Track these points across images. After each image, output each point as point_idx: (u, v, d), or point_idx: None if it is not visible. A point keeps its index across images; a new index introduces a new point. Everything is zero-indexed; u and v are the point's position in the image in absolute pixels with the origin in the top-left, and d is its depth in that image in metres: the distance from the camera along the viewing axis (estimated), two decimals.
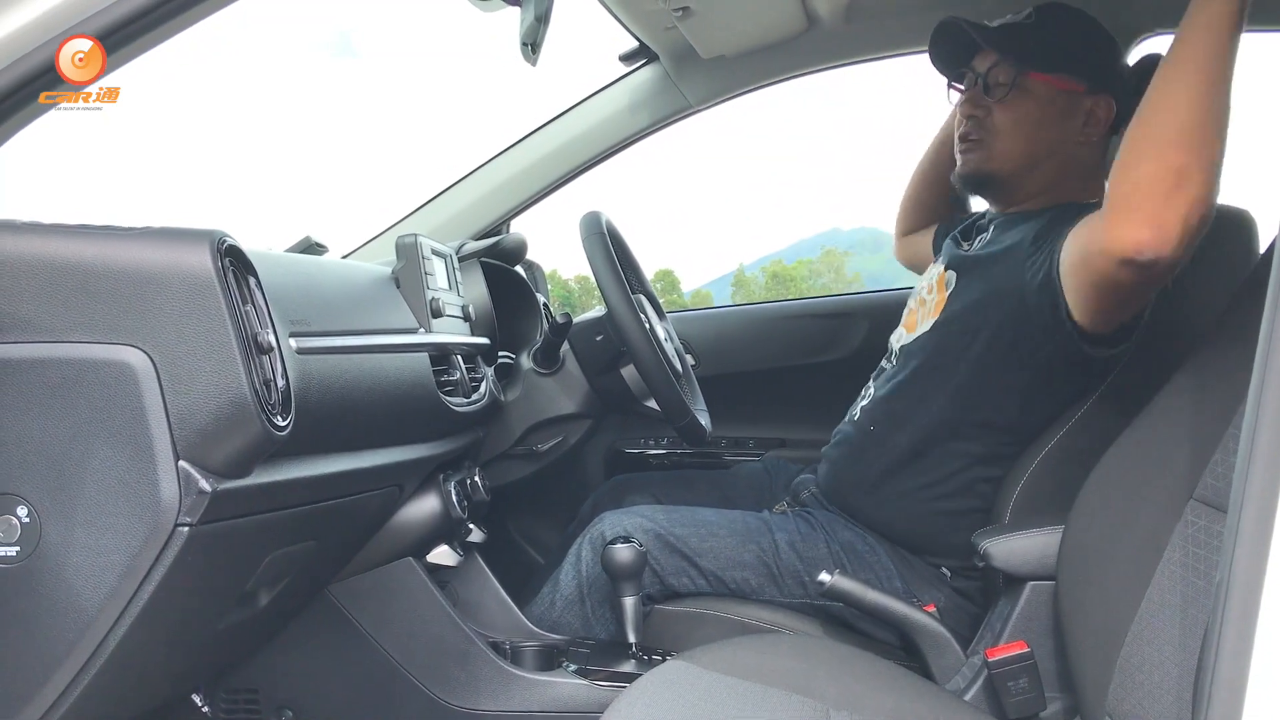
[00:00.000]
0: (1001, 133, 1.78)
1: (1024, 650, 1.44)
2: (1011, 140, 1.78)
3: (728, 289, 32.40)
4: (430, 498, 1.71)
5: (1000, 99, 1.77)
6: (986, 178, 1.83)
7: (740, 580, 1.82)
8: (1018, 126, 1.77)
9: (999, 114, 1.78)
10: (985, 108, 1.79)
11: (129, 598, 1.09)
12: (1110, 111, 1.76)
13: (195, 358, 1.07)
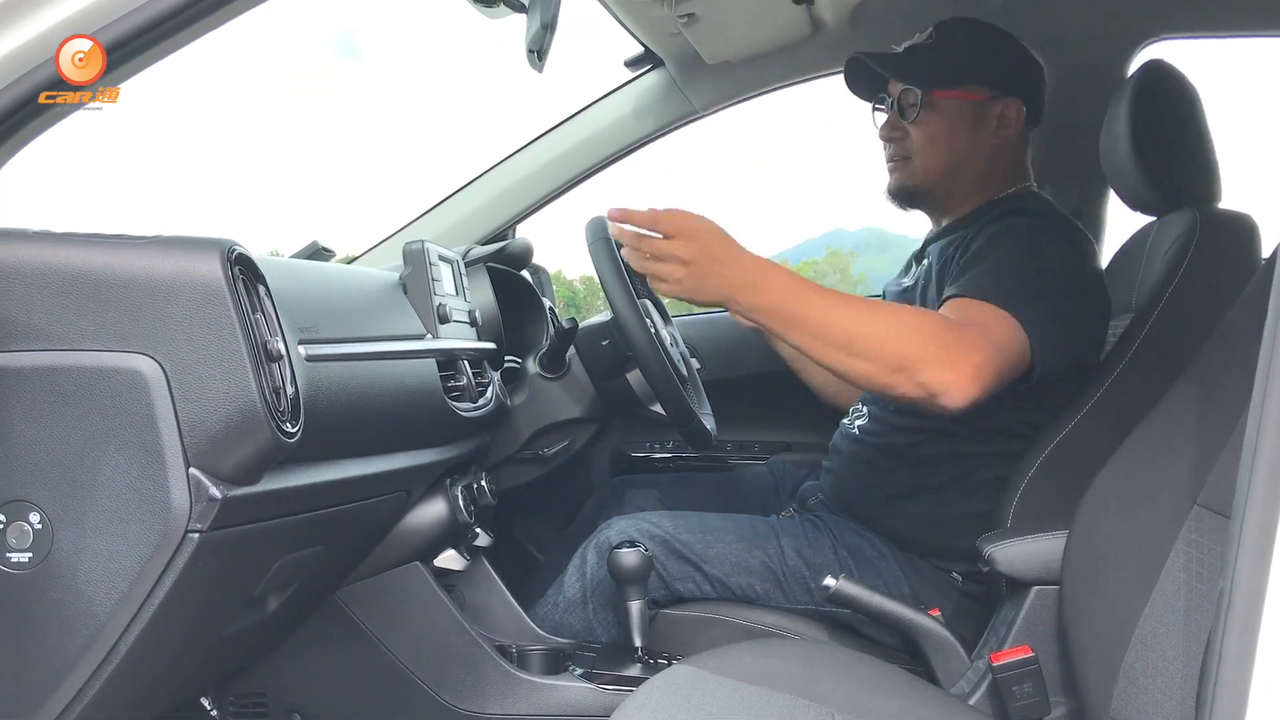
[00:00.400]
0: (919, 150, 1.90)
1: (1028, 655, 1.44)
2: (929, 155, 1.90)
3: None
4: (437, 502, 1.72)
5: (913, 120, 1.89)
6: (913, 192, 1.95)
7: (746, 586, 1.83)
8: (933, 142, 1.89)
9: (914, 133, 1.90)
10: (902, 129, 1.92)
11: (140, 604, 1.10)
12: (1020, 111, 1.88)
13: (206, 366, 1.08)
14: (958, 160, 1.89)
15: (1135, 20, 2.26)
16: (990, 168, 1.90)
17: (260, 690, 1.70)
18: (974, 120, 1.87)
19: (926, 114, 1.87)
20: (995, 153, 1.89)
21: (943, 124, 1.87)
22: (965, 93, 1.87)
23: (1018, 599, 1.56)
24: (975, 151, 1.88)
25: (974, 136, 1.88)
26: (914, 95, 1.88)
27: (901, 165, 1.93)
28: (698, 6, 1.99)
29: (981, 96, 1.87)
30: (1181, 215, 1.76)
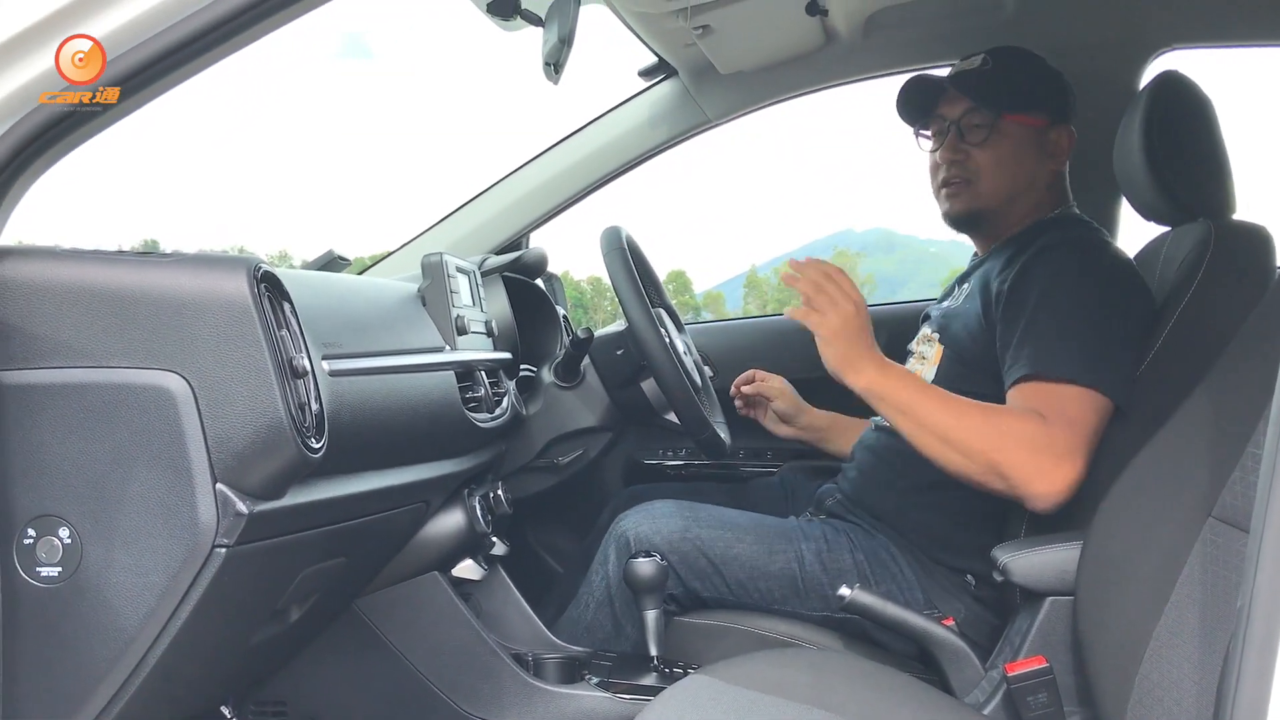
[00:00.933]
0: (985, 173, 1.90)
1: (1043, 665, 1.44)
2: (995, 179, 1.90)
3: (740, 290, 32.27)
4: (455, 512, 1.73)
5: (979, 143, 1.89)
6: (975, 215, 1.95)
7: (764, 590, 1.84)
8: (1000, 165, 1.89)
9: (979, 156, 1.90)
10: (964, 152, 1.91)
11: (167, 618, 1.11)
12: (1071, 139, 1.92)
13: (232, 382, 1.09)
14: (1021, 185, 1.91)
15: (1148, 30, 2.26)
16: (1045, 194, 1.93)
17: (280, 699, 1.71)
18: (1036, 146, 1.90)
19: (995, 137, 1.89)
20: (1050, 179, 1.92)
21: (1010, 148, 1.89)
22: (1030, 118, 1.90)
23: (1032, 609, 1.56)
24: (1035, 177, 1.91)
25: (1036, 161, 1.90)
26: (982, 117, 1.89)
27: (964, 189, 1.93)
28: (713, 18, 2.00)
29: (1042, 123, 1.90)
30: (1196, 226, 1.76)
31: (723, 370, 2.55)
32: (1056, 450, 1.59)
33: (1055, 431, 1.60)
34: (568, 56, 1.62)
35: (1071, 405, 1.62)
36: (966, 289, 1.95)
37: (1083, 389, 1.62)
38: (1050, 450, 1.59)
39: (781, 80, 2.44)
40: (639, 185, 2.58)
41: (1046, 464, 1.58)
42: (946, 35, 2.34)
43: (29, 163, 1.12)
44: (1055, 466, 1.58)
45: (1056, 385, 1.64)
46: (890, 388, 1.69)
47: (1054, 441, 1.59)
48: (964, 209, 1.94)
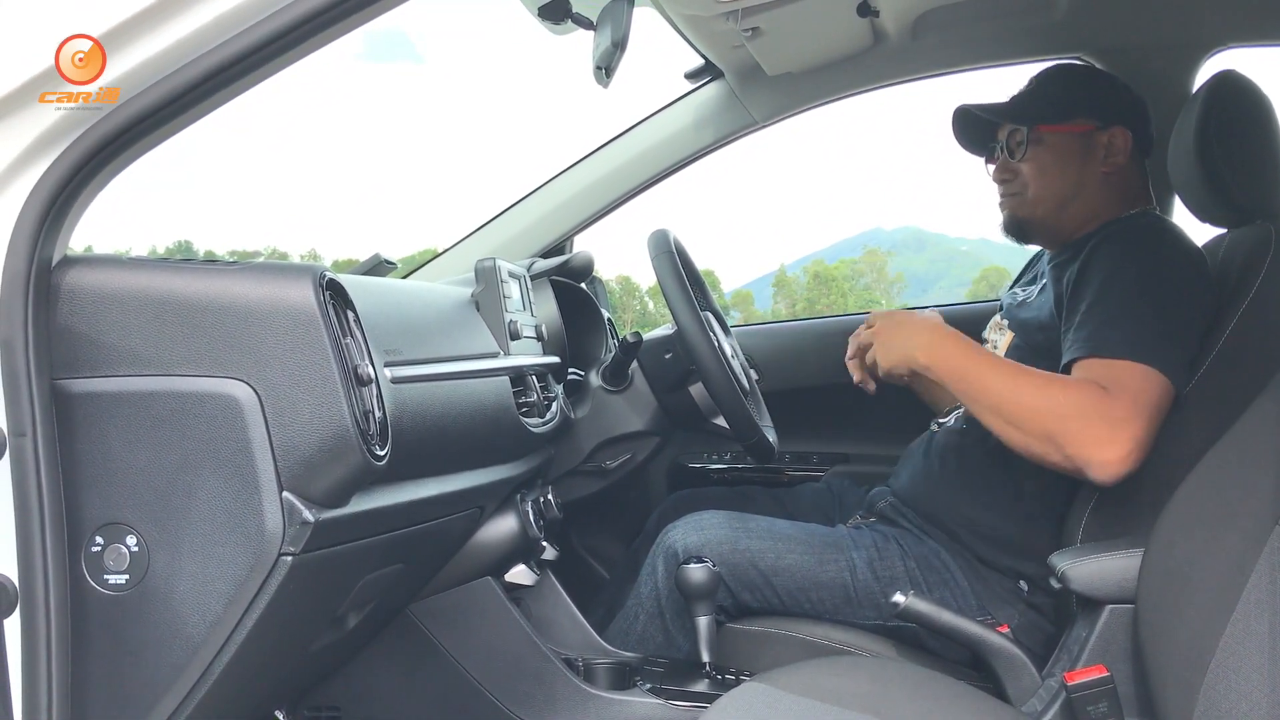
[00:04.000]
0: (1030, 182, 1.94)
1: (1104, 674, 1.43)
2: (1039, 186, 1.93)
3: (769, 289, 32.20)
4: (509, 518, 1.73)
5: (1021, 158, 1.92)
6: (1025, 222, 1.97)
7: (816, 601, 1.83)
8: (1042, 174, 1.92)
9: (1024, 169, 1.94)
10: (1013, 169, 1.95)
11: (233, 625, 1.12)
12: (1127, 139, 1.90)
13: (299, 391, 1.10)
14: (1069, 190, 1.91)
15: (1202, 29, 2.23)
16: (1104, 195, 1.91)
17: (334, 704, 1.72)
18: (1081, 151, 1.90)
19: (1034, 149, 1.91)
20: (1106, 180, 1.91)
21: (1050, 157, 1.91)
22: (1070, 126, 1.90)
23: (1091, 617, 1.54)
24: (1085, 181, 1.90)
25: (1083, 166, 1.90)
26: (1021, 134, 1.92)
27: (1012, 197, 1.96)
28: (763, 20, 1.99)
29: (1087, 128, 1.90)
30: (1254, 229, 1.74)
31: (767, 373, 2.54)
32: (1113, 417, 1.57)
33: (1112, 399, 1.59)
34: (620, 60, 1.62)
35: (1130, 378, 1.61)
36: (1042, 282, 1.96)
37: (1139, 364, 1.61)
38: (1106, 417, 1.58)
39: (829, 82, 2.43)
40: (667, 184, 2.58)
41: (1103, 431, 1.57)
42: (996, 36, 2.32)
43: (95, 173, 1.12)
44: (1112, 434, 1.57)
45: (1116, 362, 1.63)
46: (943, 359, 1.71)
47: (1111, 408, 1.58)
48: (1010, 216, 1.98)
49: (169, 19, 1.10)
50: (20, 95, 1.10)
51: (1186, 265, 1.74)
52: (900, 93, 2.53)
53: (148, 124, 1.11)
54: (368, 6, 1.12)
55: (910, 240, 33.22)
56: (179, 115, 1.14)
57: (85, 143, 1.10)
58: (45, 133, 1.10)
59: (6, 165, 1.09)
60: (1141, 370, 1.61)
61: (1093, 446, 1.57)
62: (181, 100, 1.12)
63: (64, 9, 1.09)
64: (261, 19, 1.11)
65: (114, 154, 1.12)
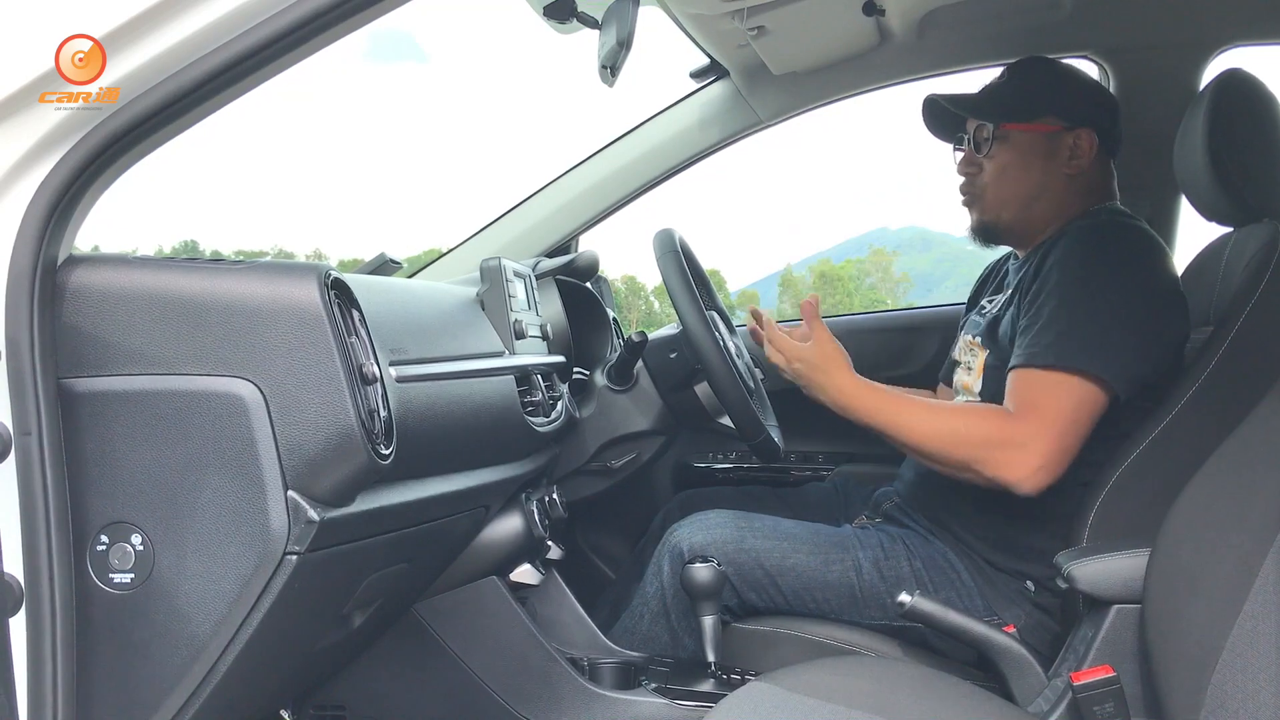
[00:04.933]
0: (990, 183, 1.94)
1: (1110, 675, 1.42)
2: (1000, 188, 1.93)
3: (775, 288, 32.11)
4: (514, 517, 1.73)
5: (986, 154, 1.92)
6: (990, 227, 1.98)
7: (821, 600, 1.83)
8: (1004, 174, 1.92)
9: (987, 168, 1.94)
10: (977, 164, 1.95)
11: (239, 624, 1.12)
12: (1092, 140, 1.90)
13: (304, 390, 1.10)
14: (1031, 191, 1.91)
15: (1207, 28, 2.23)
16: (1067, 197, 1.91)
17: (339, 703, 1.72)
18: (1046, 152, 1.90)
19: (998, 147, 1.91)
20: (1070, 182, 1.91)
21: (1014, 156, 1.91)
22: (1037, 126, 1.90)
23: (1097, 617, 1.54)
24: (1049, 182, 1.91)
25: (1046, 167, 1.90)
26: (986, 130, 1.92)
27: (973, 202, 1.97)
28: (768, 19, 1.99)
29: (1053, 128, 1.89)
30: (1261, 227, 1.74)
31: (772, 370, 2.54)
32: (1016, 440, 1.67)
33: (1015, 422, 1.69)
34: (625, 60, 1.62)
35: (1042, 392, 1.69)
36: (1008, 292, 1.94)
37: (1061, 374, 1.68)
38: (1010, 442, 1.68)
39: (834, 81, 2.43)
40: (673, 184, 2.58)
41: (1011, 455, 1.67)
42: (1002, 35, 2.32)
43: (99, 173, 1.12)
44: (1020, 456, 1.67)
45: (1035, 372, 1.71)
46: (862, 407, 1.81)
47: (1013, 433, 1.68)
48: (976, 223, 1.99)
49: (171, 19, 1.10)
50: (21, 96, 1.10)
51: (1140, 263, 1.76)
52: (906, 92, 2.52)
53: (151, 124, 1.11)
54: (370, 7, 1.12)
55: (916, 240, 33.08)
56: (182, 115, 1.14)
57: (89, 143, 1.10)
58: (49, 133, 1.10)
59: (10, 166, 1.09)
60: (1064, 381, 1.68)
61: (1004, 470, 1.68)
62: (185, 101, 1.12)
63: (65, 9, 1.09)
64: (265, 19, 1.11)
65: (118, 154, 1.12)
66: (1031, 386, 1.70)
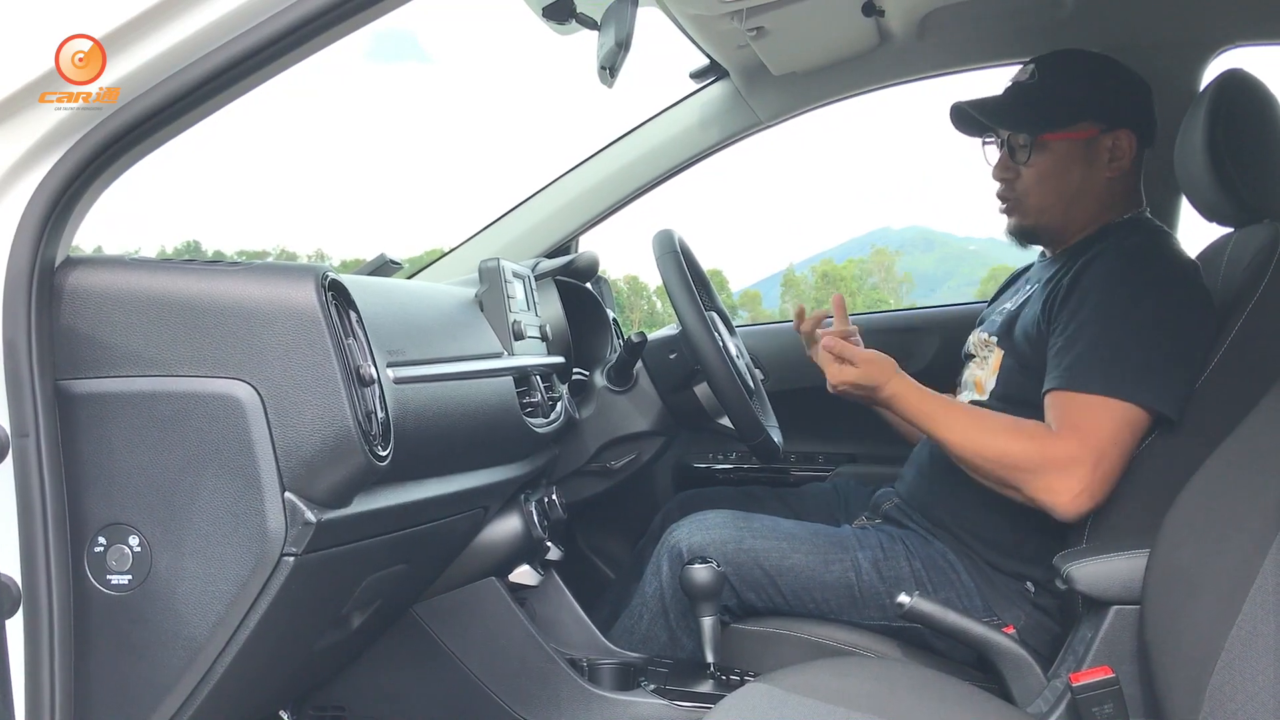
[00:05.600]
0: (1031, 190, 1.91)
1: (1109, 675, 1.42)
2: (1041, 195, 1.91)
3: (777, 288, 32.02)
4: (512, 518, 1.73)
5: (1024, 161, 1.89)
6: (1030, 230, 1.96)
7: (821, 601, 1.83)
8: (1044, 182, 1.89)
9: (1025, 175, 1.91)
10: (1014, 170, 1.92)
11: (236, 625, 1.12)
12: (1131, 141, 1.87)
13: (301, 391, 1.10)
14: (1071, 197, 1.89)
15: (1208, 27, 2.22)
16: (1107, 199, 1.89)
17: (339, 704, 1.72)
18: (1085, 157, 1.87)
19: (1036, 156, 1.87)
20: (1109, 185, 1.88)
21: (1053, 164, 1.87)
22: (1074, 132, 1.86)
23: (1096, 618, 1.54)
24: (1088, 187, 1.88)
25: (1086, 173, 1.87)
26: (1023, 138, 1.89)
27: (1013, 208, 1.94)
28: (768, 20, 1.98)
29: (1092, 133, 1.86)
30: (1261, 228, 1.73)
31: (772, 373, 2.54)
32: (1059, 464, 1.64)
33: (1060, 445, 1.65)
34: (624, 61, 1.62)
35: (1087, 416, 1.66)
36: (1027, 291, 1.93)
37: (1106, 399, 1.65)
38: (1053, 465, 1.65)
39: (834, 81, 2.43)
40: (675, 184, 2.57)
41: (1053, 478, 1.65)
42: (1003, 35, 2.31)
43: (96, 175, 1.13)
44: (1061, 480, 1.64)
45: (1079, 396, 1.68)
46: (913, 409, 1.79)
47: (1056, 456, 1.65)
48: (1017, 226, 1.96)
49: (169, 20, 1.10)
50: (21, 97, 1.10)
51: (1180, 285, 1.74)
52: (909, 91, 2.52)
53: (150, 125, 1.11)
54: (370, 7, 1.12)
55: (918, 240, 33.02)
56: (181, 116, 1.14)
57: (88, 144, 1.10)
58: (48, 134, 1.10)
59: (9, 167, 1.09)
60: (1109, 406, 1.65)
61: (1045, 493, 1.66)
62: (184, 101, 1.12)
63: (65, 9, 1.09)
64: (265, 19, 1.11)
65: (117, 155, 1.12)
66: (1076, 410, 1.67)
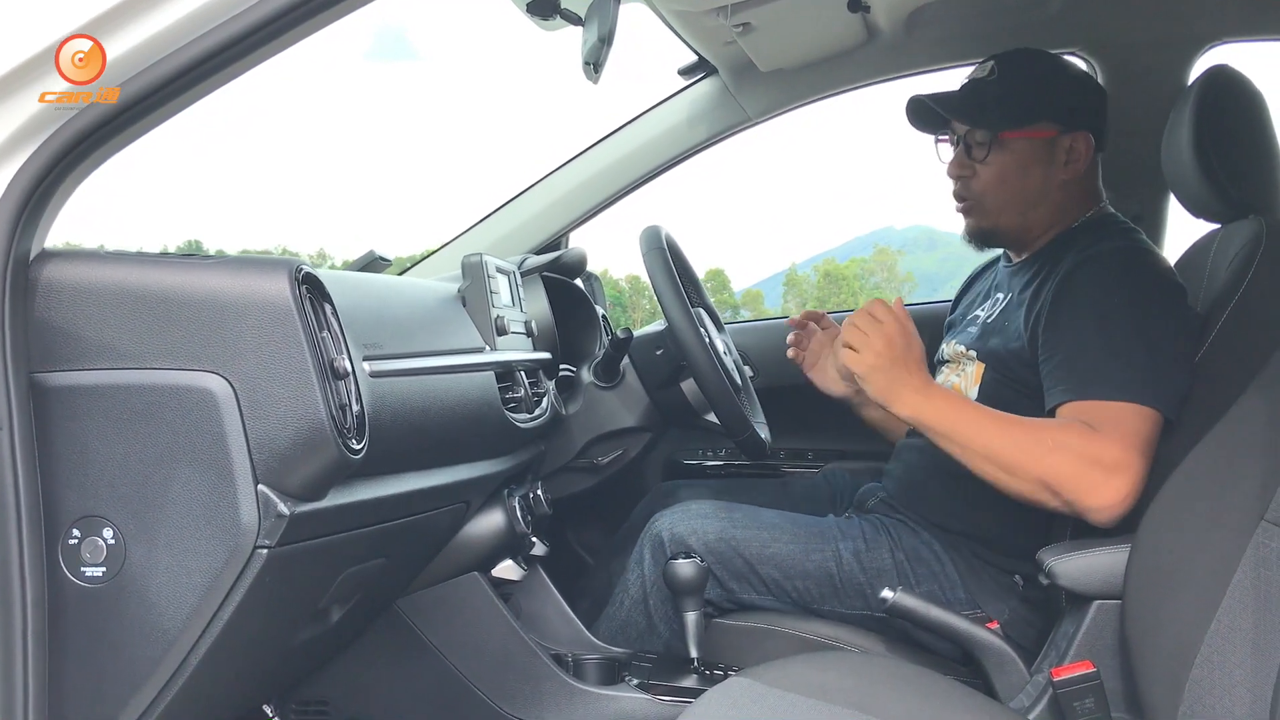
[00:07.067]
0: (988, 191, 1.89)
1: (1090, 670, 1.42)
2: (998, 196, 1.89)
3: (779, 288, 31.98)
4: (495, 513, 1.73)
5: (982, 160, 1.87)
6: (989, 233, 1.94)
7: (801, 590, 1.83)
8: (1003, 183, 1.88)
9: (982, 173, 1.89)
10: (970, 168, 1.90)
11: (209, 618, 1.12)
12: (1089, 144, 1.86)
13: (274, 384, 1.10)
14: (1030, 198, 1.87)
15: (1196, 24, 2.23)
16: (1064, 201, 1.88)
17: (322, 698, 1.73)
18: (1044, 158, 1.85)
19: (995, 154, 1.86)
20: (1065, 187, 1.87)
21: (1012, 164, 1.86)
22: (1034, 131, 1.85)
23: (1078, 613, 1.54)
24: (1046, 189, 1.87)
25: (1045, 174, 1.86)
26: (982, 135, 1.87)
27: (971, 209, 1.92)
28: (753, 16, 1.98)
29: (1050, 133, 1.85)
30: (1247, 223, 1.73)
31: (763, 370, 2.54)
32: (1105, 462, 1.57)
33: (1104, 443, 1.58)
34: (607, 56, 1.62)
35: (1122, 418, 1.60)
36: (1001, 300, 1.92)
37: (1130, 404, 1.60)
38: (1099, 463, 1.57)
39: (823, 77, 2.43)
40: (677, 183, 2.58)
41: (1097, 476, 1.57)
42: (990, 32, 2.32)
43: (71, 168, 1.12)
44: (1106, 479, 1.56)
45: (1102, 403, 1.62)
46: (931, 413, 1.69)
47: (1103, 453, 1.57)
48: (975, 229, 1.94)
49: (146, 11, 1.10)
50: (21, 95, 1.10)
51: (1165, 287, 1.73)
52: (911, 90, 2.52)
53: (124, 119, 1.11)
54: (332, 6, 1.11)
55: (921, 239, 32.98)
56: (156, 109, 1.14)
57: (62, 136, 1.10)
58: (21, 126, 1.10)
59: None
60: (1134, 410, 1.60)
61: (1089, 493, 1.57)
62: (160, 93, 1.12)
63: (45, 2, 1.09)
64: (243, 9, 1.11)
65: (92, 148, 1.12)
66: (1109, 413, 1.61)
